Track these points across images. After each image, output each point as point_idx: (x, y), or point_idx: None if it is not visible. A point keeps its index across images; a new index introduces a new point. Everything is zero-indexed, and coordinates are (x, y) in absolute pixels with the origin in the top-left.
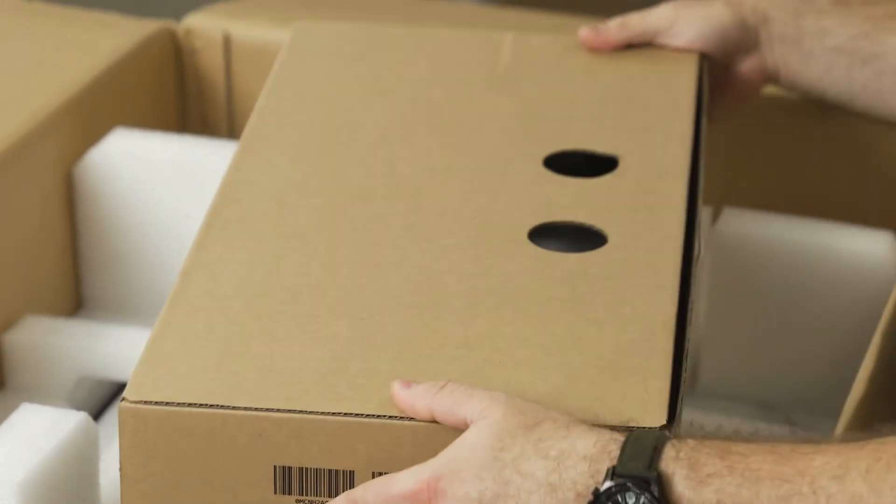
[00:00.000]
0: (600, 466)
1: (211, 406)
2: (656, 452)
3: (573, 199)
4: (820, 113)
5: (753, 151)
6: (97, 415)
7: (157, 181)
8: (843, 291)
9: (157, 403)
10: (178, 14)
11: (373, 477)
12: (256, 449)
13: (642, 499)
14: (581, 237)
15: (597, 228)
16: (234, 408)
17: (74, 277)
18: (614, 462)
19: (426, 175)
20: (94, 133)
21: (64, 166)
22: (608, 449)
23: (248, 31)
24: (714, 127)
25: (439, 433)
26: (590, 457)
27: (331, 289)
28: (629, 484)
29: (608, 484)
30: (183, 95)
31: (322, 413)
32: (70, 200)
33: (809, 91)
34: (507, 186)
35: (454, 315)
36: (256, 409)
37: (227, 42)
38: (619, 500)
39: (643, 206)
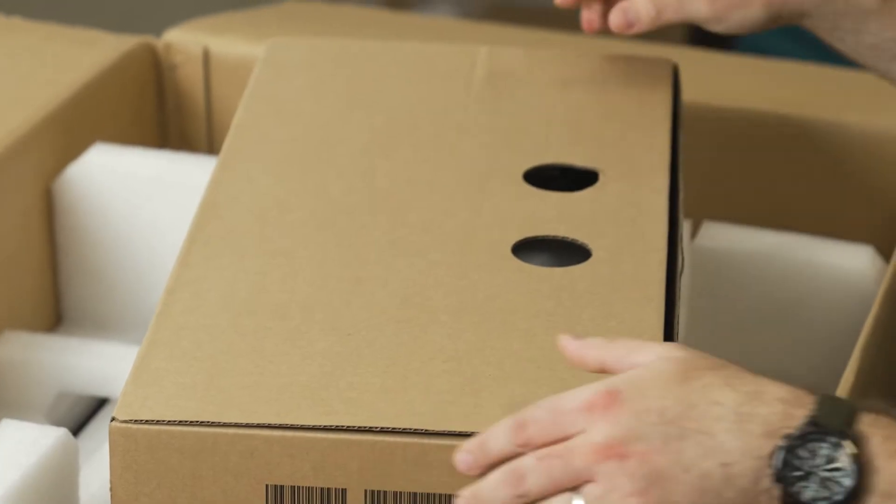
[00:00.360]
0: (796, 412)
1: (202, 424)
2: (852, 414)
3: (555, 214)
4: (800, 127)
5: (732, 166)
6: (77, 430)
7: (136, 196)
8: (823, 306)
9: (147, 422)
10: (158, 29)
11: (365, 496)
12: (248, 467)
13: (838, 452)
14: (565, 251)
15: (580, 242)
16: (225, 425)
17: (54, 293)
18: (810, 412)
19: (407, 189)
20: (73, 148)
21: (43, 182)
22: (803, 400)
23: (228, 46)
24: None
25: (431, 450)
26: (785, 400)
27: (317, 304)
28: (826, 434)
29: (804, 430)
30: (162, 111)
31: (314, 429)
32: (49, 216)
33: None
34: (489, 201)
35: (442, 329)
36: (248, 427)
37: (206, 57)
38: (812, 448)
39: (625, 219)
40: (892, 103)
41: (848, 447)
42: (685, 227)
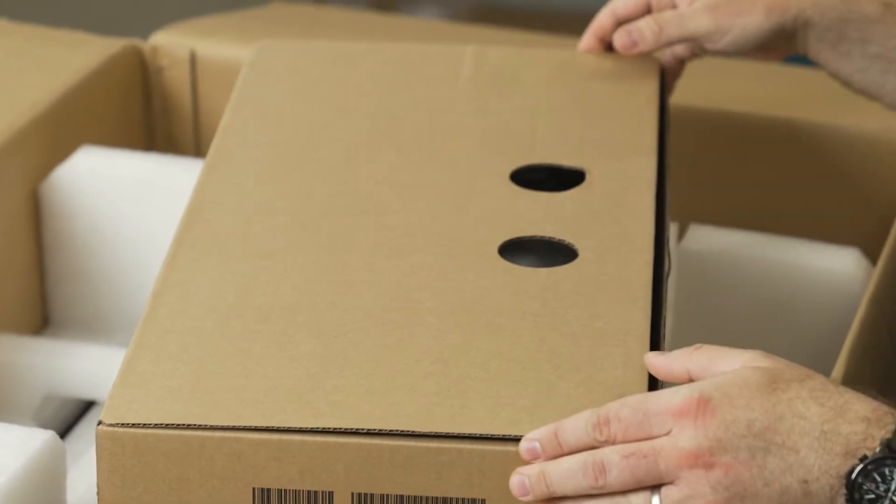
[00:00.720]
0: (876, 433)
1: (188, 427)
2: None
3: (542, 214)
4: (787, 129)
5: (719, 168)
6: (64, 433)
7: (123, 199)
8: (810, 308)
9: (133, 426)
10: (145, 32)
11: (352, 498)
12: (235, 471)
13: None
14: (551, 252)
15: (567, 243)
16: (211, 428)
17: (40, 295)
18: (889, 434)
19: (393, 191)
20: (60, 151)
21: (30, 184)
22: (884, 420)
23: (215, 49)
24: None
25: (419, 452)
26: (867, 419)
27: (303, 307)
28: None
29: (879, 454)
30: (149, 113)
31: (300, 432)
32: (36, 218)
33: (835, 78)
34: (475, 202)
35: (428, 331)
36: (234, 430)
37: (193, 60)
38: (887, 473)
39: (612, 219)
40: (879, 106)
41: None
42: (672, 229)
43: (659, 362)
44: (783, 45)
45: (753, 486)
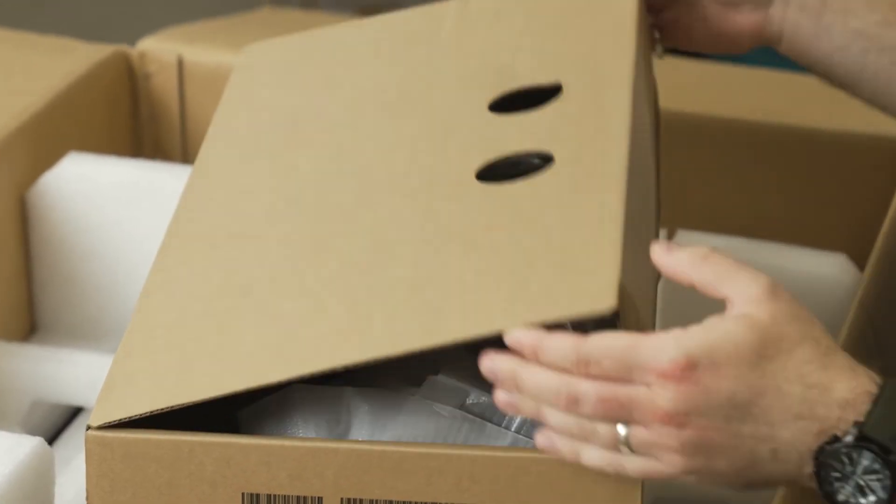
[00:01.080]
0: (848, 416)
1: (178, 431)
2: None
3: (518, 132)
4: (773, 134)
5: (706, 174)
6: (52, 439)
7: (111, 205)
8: None
9: (123, 429)
10: (132, 38)
11: (341, 503)
12: (225, 476)
13: (876, 464)
14: (530, 167)
15: (544, 152)
16: (202, 431)
17: (28, 301)
18: (861, 417)
19: (373, 149)
20: (47, 157)
21: (17, 191)
22: (860, 401)
23: (202, 55)
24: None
25: (408, 458)
26: (845, 403)
27: (283, 274)
28: (868, 446)
29: (849, 438)
30: (137, 119)
31: (290, 436)
32: (24, 225)
33: (814, 65)
34: (454, 137)
35: (403, 262)
36: (224, 435)
37: (180, 66)
38: (854, 456)
39: (588, 124)
40: (865, 110)
41: (891, 459)
42: (660, 235)
43: (665, 261)
44: (757, 12)
45: (722, 448)
